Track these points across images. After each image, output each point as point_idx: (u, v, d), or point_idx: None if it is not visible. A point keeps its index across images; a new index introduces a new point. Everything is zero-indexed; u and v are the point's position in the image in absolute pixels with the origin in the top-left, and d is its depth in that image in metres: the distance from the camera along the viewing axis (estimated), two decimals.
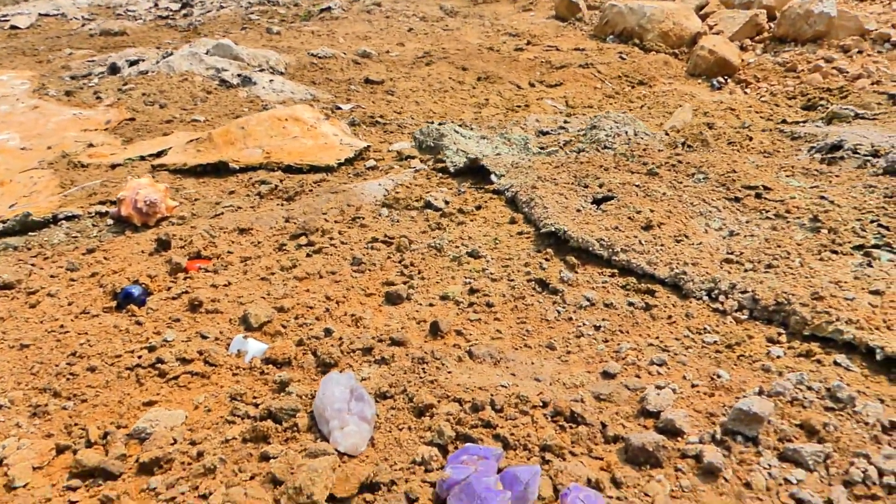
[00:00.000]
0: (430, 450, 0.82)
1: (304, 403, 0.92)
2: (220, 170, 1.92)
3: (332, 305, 1.20)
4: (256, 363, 1.03)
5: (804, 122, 2.50)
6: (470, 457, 0.78)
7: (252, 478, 0.80)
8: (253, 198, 1.74)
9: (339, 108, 2.79)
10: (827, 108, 2.60)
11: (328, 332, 1.10)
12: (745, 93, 3.45)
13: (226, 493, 0.76)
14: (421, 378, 0.97)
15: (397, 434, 0.87)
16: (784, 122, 2.51)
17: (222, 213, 1.63)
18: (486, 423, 0.86)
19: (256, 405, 0.93)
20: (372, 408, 0.88)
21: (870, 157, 1.80)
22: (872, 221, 1.35)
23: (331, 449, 0.82)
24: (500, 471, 0.77)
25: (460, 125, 2.36)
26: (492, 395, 0.90)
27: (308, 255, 1.40)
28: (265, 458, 0.82)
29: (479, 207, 1.63)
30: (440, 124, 2.19)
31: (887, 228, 1.32)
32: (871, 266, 1.19)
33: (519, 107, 3.16)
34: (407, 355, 1.03)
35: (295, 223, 1.54)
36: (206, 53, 3.31)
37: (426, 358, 1.02)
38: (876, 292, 1.09)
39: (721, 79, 3.55)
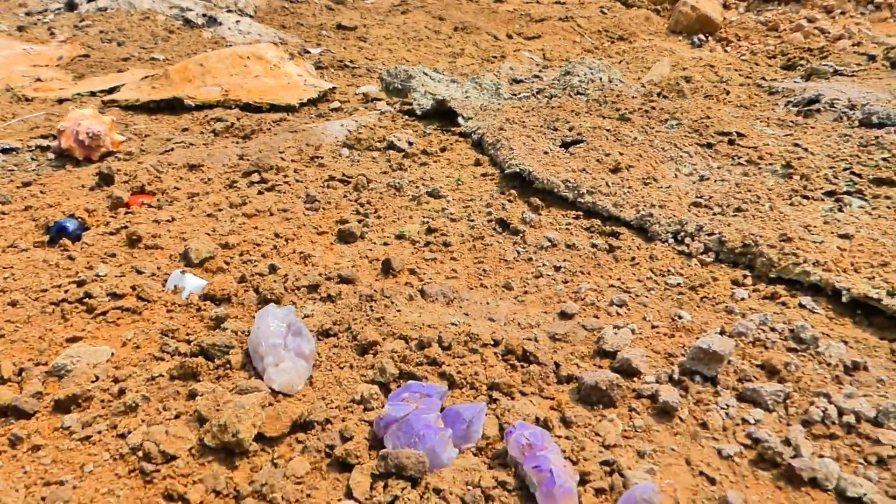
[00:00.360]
0: (371, 388, 0.76)
1: (240, 340, 0.86)
2: (174, 107, 1.83)
3: (280, 243, 1.13)
4: (194, 299, 0.96)
5: (783, 79, 2.45)
6: (412, 395, 0.73)
7: (177, 416, 0.74)
8: (207, 135, 1.65)
9: (308, 52, 2.68)
10: (806, 67, 2.55)
11: (273, 268, 1.03)
12: (726, 51, 3.38)
13: (146, 431, 0.71)
14: (367, 316, 0.91)
15: (338, 373, 0.81)
16: (763, 79, 2.46)
17: (172, 150, 1.54)
18: (433, 360, 0.81)
19: (189, 342, 0.87)
20: (311, 343, 0.82)
21: (846, 110, 1.75)
22: (845, 169, 1.31)
23: (263, 386, 0.77)
24: (443, 409, 0.72)
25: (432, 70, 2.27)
26: (440, 332, 0.85)
27: (260, 193, 1.33)
28: (192, 396, 0.77)
29: (443, 149, 1.56)
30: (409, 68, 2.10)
31: (859, 176, 1.27)
32: (842, 211, 1.15)
33: (495, 57, 3.06)
34: (355, 293, 0.97)
35: (249, 161, 1.46)
36: None
37: (375, 296, 0.96)
38: (845, 236, 1.05)
39: (702, 36, 3.48)
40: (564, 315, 0.93)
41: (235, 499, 0.63)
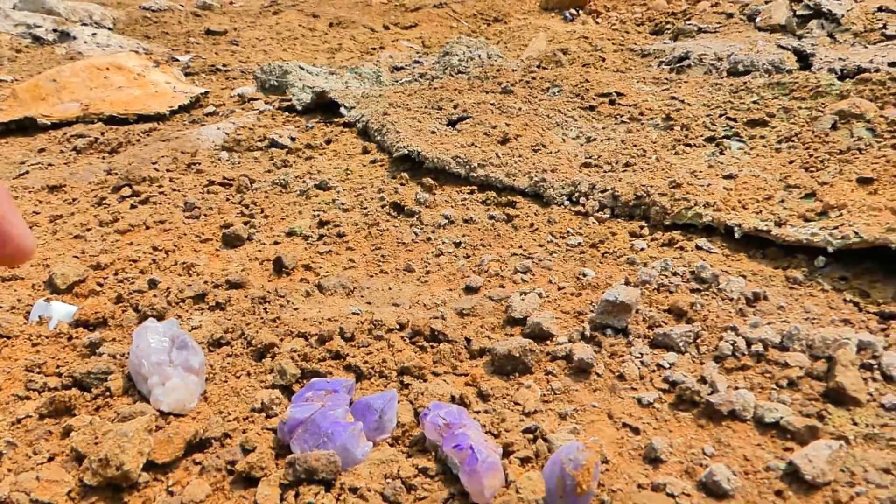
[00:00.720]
0: (272, 393, 0.70)
1: (120, 364, 0.77)
2: (27, 128, 1.67)
3: (159, 256, 1.04)
4: (63, 328, 0.86)
5: (653, 42, 2.53)
6: (316, 393, 0.68)
7: (50, 459, 0.65)
8: (68, 153, 1.52)
9: (177, 60, 2.53)
10: (673, 29, 2.65)
11: (153, 283, 0.95)
12: (597, 22, 3.47)
13: (14, 481, 0.62)
14: (262, 319, 0.85)
15: (234, 382, 0.75)
16: (635, 45, 2.53)
17: (28, 172, 1.40)
18: (336, 354, 0.76)
19: (59, 374, 0.78)
20: (199, 356, 0.75)
21: (714, 63, 1.83)
22: (721, 115, 1.35)
23: (149, 409, 0.69)
24: (352, 403, 0.67)
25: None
26: (341, 324, 0.80)
27: (133, 207, 1.22)
28: (68, 433, 0.68)
29: (329, 141, 1.49)
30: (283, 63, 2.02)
31: (735, 120, 1.32)
32: (723, 154, 1.18)
33: (374, 49, 3.01)
34: (246, 297, 0.90)
35: (118, 175, 1.34)
36: (13, 8, 2.91)
37: (268, 297, 0.89)
38: (729, 176, 1.08)
39: (573, 10, 3.56)
40: (470, 289, 0.90)
41: None
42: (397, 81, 1.95)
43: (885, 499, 0.54)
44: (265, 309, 0.87)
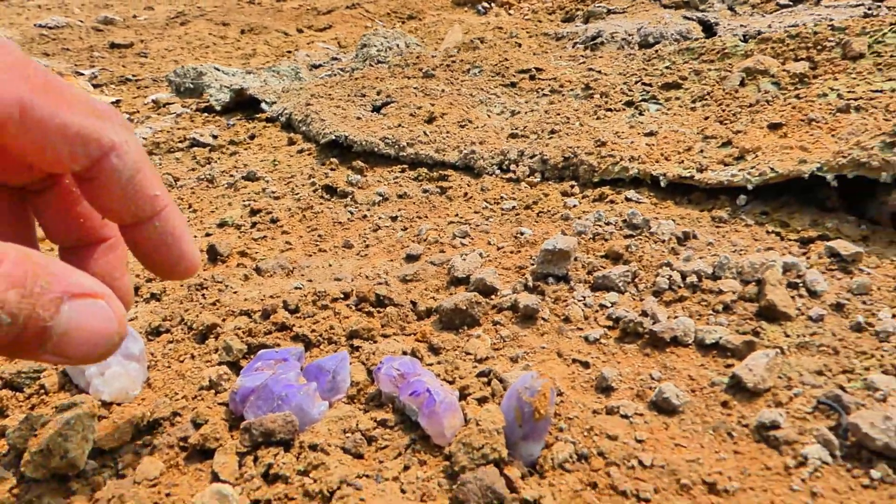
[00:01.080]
0: (219, 369, 0.68)
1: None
2: None
3: None
4: None
5: (566, 27, 2.60)
6: (265, 363, 0.66)
7: None
8: None
9: (81, 74, 2.43)
10: (584, 12, 2.72)
11: None
12: (510, 14, 3.54)
13: None
14: (201, 304, 0.83)
15: (178, 367, 0.72)
16: (548, 31, 2.59)
17: None
18: (282, 326, 0.74)
19: None
20: (139, 343, 0.72)
21: (626, 38, 1.89)
22: (637, 82, 1.40)
23: (90, 398, 0.66)
24: (303, 368, 0.66)
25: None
26: (284, 299, 0.78)
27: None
28: (2, 433, 0.64)
29: (252, 137, 1.47)
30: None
31: (650, 85, 1.37)
32: (642, 115, 1.23)
33: (289, 51, 2.97)
34: (182, 286, 0.88)
35: None
36: None
37: (205, 283, 0.87)
38: (650, 133, 1.12)
39: (486, 4, 3.61)
40: (411, 258, 0.90)
41: None
42: (317, 77, 1.93)
43: (821, 395, 0.57)
44: (203, 295, 0.85)
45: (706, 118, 1.17)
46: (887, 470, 0.50)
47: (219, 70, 1.90)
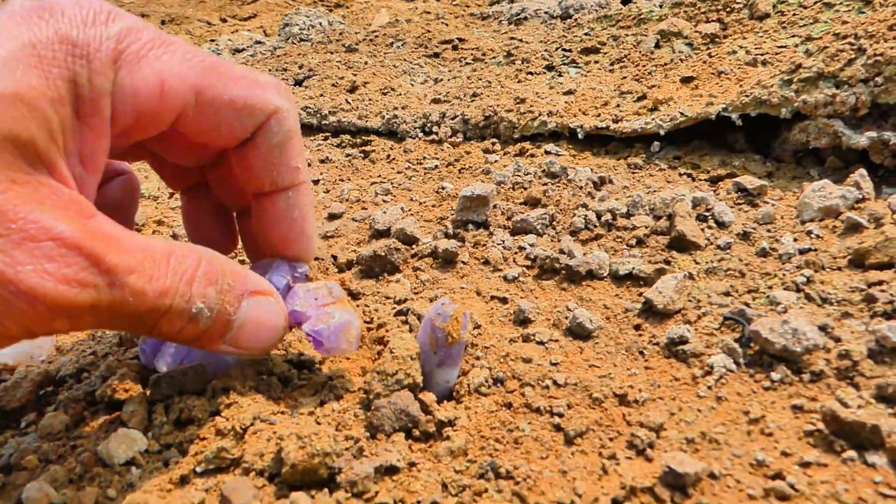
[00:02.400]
0: None
1: None
2: None
3: None
4: None
5: (492, 8, 2.61)
6: None
7: None
8: None
9: None
10: None
11: None
12: (438, 0, 3.55)
13: None
14: None
15: (92, 331, 0.70)
16: (475, 12, 2.61)
17: None
18: None
19: None
20: None
21: (548, 13, 1.91)
22: (557, 48, 1.42)
23: None
24: None
25: None
26: None
27: None
28: None
29: None
30: None
31: (570, 51, 1.39)
32: (562, 76, 1.25)
33: (212, 40, 2.91)
34: None
35: None
36: None
37: None
38: (569, 92, 1.14)
39: None
40: (332, 216, 0.89)
41: None
42: (239, 58, 1.89)
43: (727, 313, 0.59)
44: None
45: (623, 78, 1.20)
46: (786, 371, 0.52)
47: None
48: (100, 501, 0.46)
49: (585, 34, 1.45)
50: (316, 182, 1.01)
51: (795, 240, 0.69)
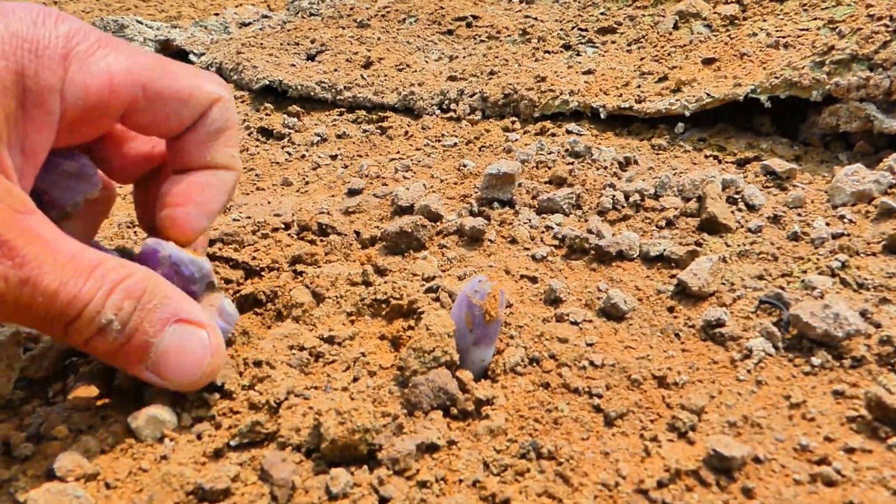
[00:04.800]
0: None
1: None
2: None
3: None
4: None
5: None
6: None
7: None
8: None
9: None
10: None
11: None
12: None
13: None
14: (133, 241, 0.78)
15: None
16: None
17: None
18: (221, 257, 0.71)
19: None
20: None
21: None
22: (573, 28, 1.40)
23: (14, 327, 0.62)
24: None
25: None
26: (222, 230, 0.75)
27: None
28: None
29: None
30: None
31: (586, 30, 1.37)
32: (580, 56, 1.23)
33: (217, 14, 2.87)
34: (117, 224, 0.83)
35: None
36: None
37: (134, 223, 0.83)
38: (588, 72, 1.12)
39: None
40: (353, 192, 0.88)
41: (5, 453, 0.50)
42: (247, 31, 1.87)
43: (763, 297, 0.58)
44: (135, 232, 0.80)
45: (642, 59, 1.18)
46: (826, 356, 0.52)
47: (142, 23, 1.81)
48: (134, 472, 0.46)
49: (601, 14, 1.43)
50: (334, 157, 0.99)
51: (828, 224, 0.68)
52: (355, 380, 0.52)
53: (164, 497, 0.43)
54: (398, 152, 0.99)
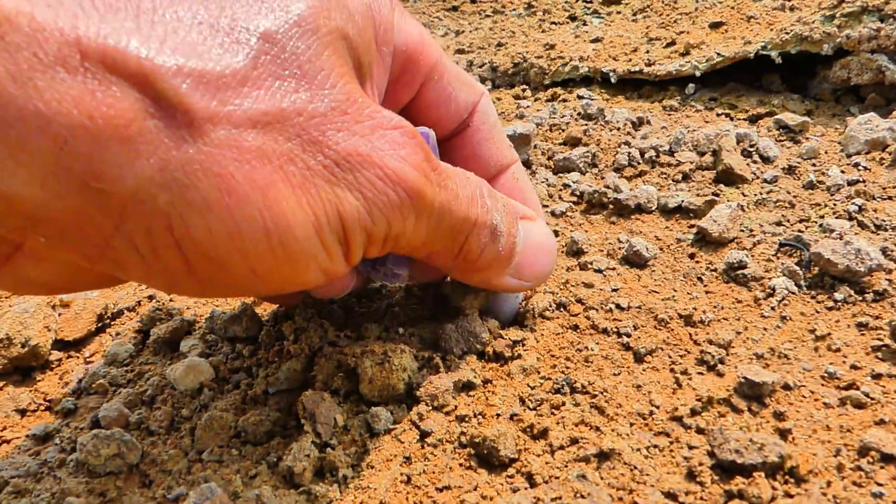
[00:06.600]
0: None
1: None
2: None
3: None
4: None
5: None
6: None
7: None
8: None
9: None
10: None
11: None
12: None
13: None
14: None
15: None
16: None
17: None
18: None
19: None
20: None
21: None
22: (578, 0, 1.40)
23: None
24: None
25: None
26: None
27: None
28: None
29: None
30: None
31: (591, 1, 1.37)
32: (586, 26, 1.23)
33: None
34: None
35: None
36: None
37: None
38: (596, 40, 1.12)
39: None
40: None
41: (49, 409, 0.51)
42: None
43: (783, 239, 0.59)
44: None
45: (648, 27, 1.19)
46: (849, 291, 0.52)
47: None
48: (175, 420, 0.47)
49: None
50: None
51: (843, 172, 0.69)
52: (386, 329, 0.53)
53: (209, 441, 0.44)
54: None
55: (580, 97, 0.96)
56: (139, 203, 0.25)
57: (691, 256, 0.60)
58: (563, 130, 0.84)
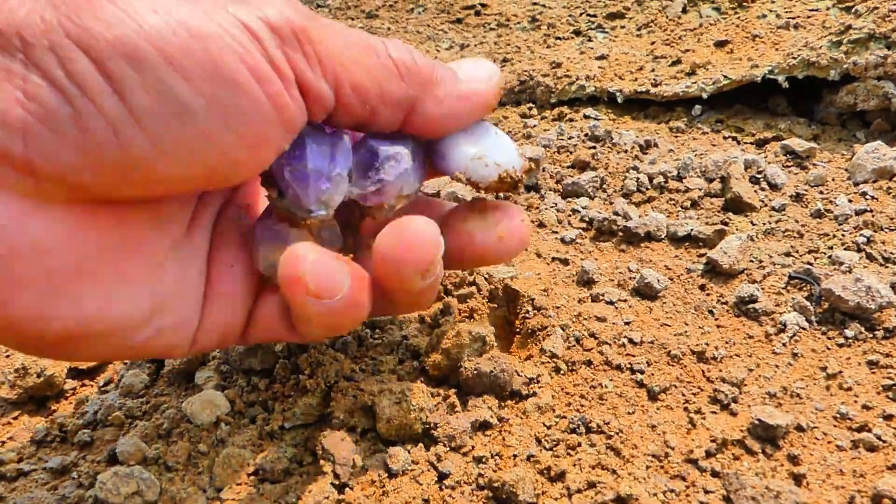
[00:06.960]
0: None
1: None
2: None
3: None
4: None
5: None
6: None
7: None
8: None
9: None
10: None
11: None
12: None
13: None
14: None
15: None
16: None
17: None
18: None
19: None
20: None
21: None
22: (581, 14, 1.40)
23: None
24: None
25: None
26: None
27: None
28: None
29: None
30: None
31: (595, 15, 1.37)
32: (591, 41, 1.24)
33: None
34: None
35: None
36: None
37: None
38: (601, 57, 1.13)
39: None
40: None
41: (62, 440, 0.51)
42: None
43: (793, 272, 0.60)
44: None
45: (653, 43, 1.19)
46: (860, 328, 0.53)
47: None
48: (192, 455, 0.47)
49: None
50: None
51: (850, 201, 0.69)
52: (401, 362, 0.54)
53: (227, 479, 0.45)
54: None
55: (587, 117, 0.96)
56: None
57: (702, 288, 0.61)
58: (571, 153, 0.85)
